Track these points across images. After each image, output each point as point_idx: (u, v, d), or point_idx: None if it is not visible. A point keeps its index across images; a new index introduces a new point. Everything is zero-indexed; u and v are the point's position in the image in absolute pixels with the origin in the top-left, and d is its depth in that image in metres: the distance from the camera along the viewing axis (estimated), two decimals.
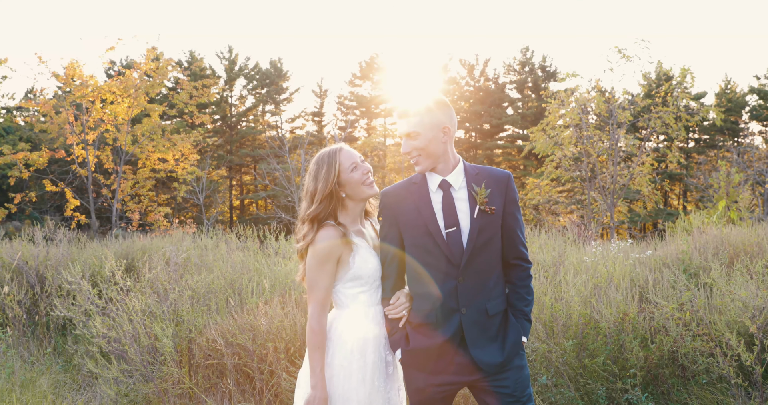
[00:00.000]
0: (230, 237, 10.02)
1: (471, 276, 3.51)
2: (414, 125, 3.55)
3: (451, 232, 3.52)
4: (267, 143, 44.39)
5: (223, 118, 47.71)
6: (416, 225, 3.57)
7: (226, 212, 46.93)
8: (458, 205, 3.57)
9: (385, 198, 3.70)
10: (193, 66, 28.40)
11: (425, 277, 3.55)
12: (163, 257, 7.80)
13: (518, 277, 3.68)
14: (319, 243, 3.65)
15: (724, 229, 8.22)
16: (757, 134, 47.57)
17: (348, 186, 3.75)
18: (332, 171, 3.73)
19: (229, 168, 47.14)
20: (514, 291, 3.67)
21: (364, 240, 3.82)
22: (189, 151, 24.04)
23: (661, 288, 5.91)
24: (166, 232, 18.98)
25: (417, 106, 3.59)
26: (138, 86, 21.70)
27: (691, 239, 7.91)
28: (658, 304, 5.46)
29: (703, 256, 7.25)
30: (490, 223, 3.54)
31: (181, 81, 26.09)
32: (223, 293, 6.61)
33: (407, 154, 3.58)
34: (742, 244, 7.66)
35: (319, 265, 3.64)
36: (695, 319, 5.22)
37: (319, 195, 3.71)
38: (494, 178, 3.62)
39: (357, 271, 3.72)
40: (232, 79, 48.30)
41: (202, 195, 28.64)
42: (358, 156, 3.82)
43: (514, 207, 3.64)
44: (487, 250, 3.56)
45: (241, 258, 7.75)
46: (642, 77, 24.26)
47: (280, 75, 49.46)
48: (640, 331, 5.34)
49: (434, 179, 3.61)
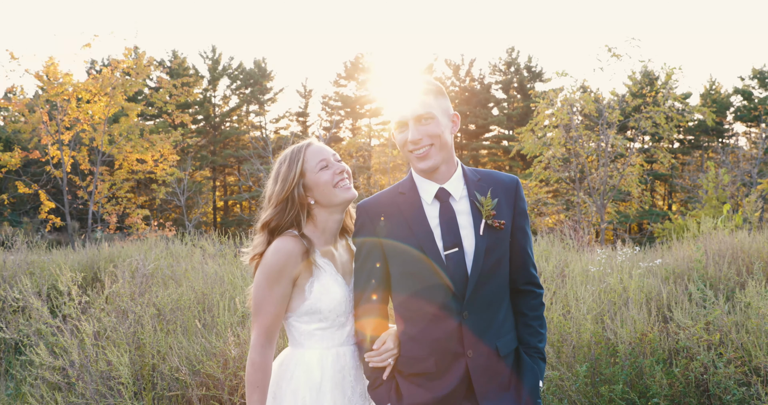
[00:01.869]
0: (205, 244, 9.24)
1: (478, 309, 2.82)
2: (428, 105, 2.84)
3: (453, 255, 2.82)
4: (251, 144, 43.85)
5: (207, 118, 47.07)
6: (407, 247, 2.86)
7: (209, 213, 46.29)
8: (460, 220, 2.89)
9: (363, 213, 2.98)
10: (174, 63, 27.64)
11: (419, 313, 2.84)
12: (130, 268, 7.04)
13: (530, 306, 3.01)
14: (270, 255, 2.96)
15: (737, 236, 7.65)
16: (741, 135, 47.47)
17: (316, 189, 3.07)
18: (293, 169, 3.07)
19: (212, 169, 46.55)
20: (526, 324, 2.99)
21: (331, 264, 3.10)
22: (168, 151, 23.31)
23: (680, 303, 5.31)
24: (144, 235, 18.28)
25: (427, 84, 2.89)
26: (115, 84, 20.95)
27: (702, 246, 7.32)
28: (681, 324, 4.83)
29: (718, 266, 6.66)
30: (498, 240, 2.86)
31: (161, 79, 25.37)
32: (192, 311, 5.89)
33: (415, 143, 2.83)
34: (757, 253, 7.07)
35: (268, 283, 2.95)
36: (726, 341, 4.61)
37: (275, 198, 3.07)
38: (500, 185, 2.96)
39: (314, 303, 3.01)
40: (216, 79, 47.65)
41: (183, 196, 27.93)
42: (330, 152, 3.15)
43: (523, 220, 2.98)
44: (496, 276, 2.88)
45: (215, 269, 7.01)
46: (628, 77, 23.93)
47: (264, 75, 48.89)
48: (661, 354, 4.73)
49: (428, 187, 2.92)
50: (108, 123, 22.10)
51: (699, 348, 4.58)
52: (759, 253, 7.08)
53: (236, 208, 49.00)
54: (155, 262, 7.54)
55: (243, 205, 47.91)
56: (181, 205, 34.42)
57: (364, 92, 49.59)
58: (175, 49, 47.86)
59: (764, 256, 6.98)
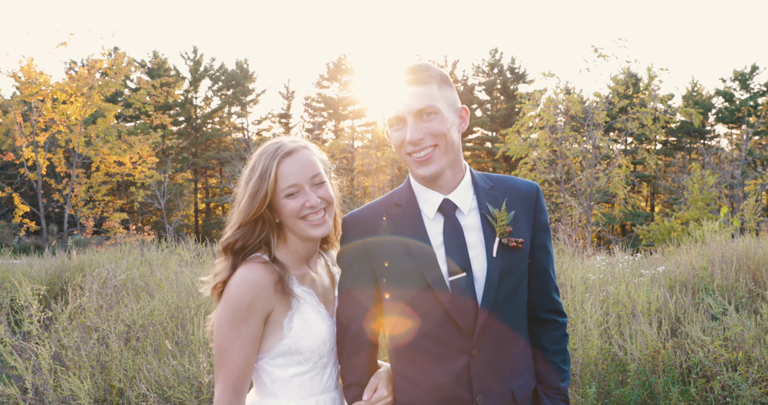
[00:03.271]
0: (182, 251, 8.65)
1: (489, 346, 2.33)
2: (430, 97, 2.30)
3: (459, 281, 2.31)
4: (233, 145, 43.50)
5: (188, 119, 46.54)
6: (404, 271, 2.35)
7: (190, 216, 45.77)
8: (468, 239, 2.37)
9: (350, 228, 2.47)
10: (153, 63, 27.12)
11: (418, 352, 2.36)
12: (99, 278, 6.49)
13: (551, 338, 2.52)
14: (235, 288, 2.37)
15: (742, 241, 7.29)
16: (723, 136, 47.63)
17: (281, 214, 2.52)
18: (263, 185, 2.46)
19: (194, 171, 46.06)
20: (547, 360, 2.50)
21: (311, 292, 2.55)
22: (147, 153, 22.77)
23: (688, 315, 4.91)
24: (122, 240, 17.76)
25: (429, 70, 2.36)
26: (93, 85, 20.39)
27: (706, 253, 6.93)
28: (696, 339, 4.41)
29: (724, 274, 6.28)
30: (515, 263, 2.36)
31: (140, 80, 24.84)
32: (165, 327, 5.37)
33: (415, 143, 2.30)
34: (763, 259, 6.68)
35: (234, 323, 2.36)
36: (748, 358, 4.20)
37: (241, 215, 2.48)
38: (517, 194, 2.45)
39: (294, 342, 2.45)
40: (197, 80, 47.13)
41: (164, 199, 27.38)
42: (309, 173, 2.51)
43: (545, 236, 2.48)
44: (512, 305, 2.38)
45: (191, 278, 6.47)
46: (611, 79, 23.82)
47: (246, 76, 48.45)
48: (674, 372, 4.31)
49: (430, 198, 2.41)
50: (85, 124, 21.54)
51: (720, 367, 4.17)
52: (765, 260, 6.71)
53: (218, 211, 48.52)
54: (127, 272, 7.00)
55: (225, 207, 47.40)
56: (161, 208, 33.86)
57: (347, 93, 49.37)
58: (156, 49, 47.25)
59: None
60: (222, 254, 2.50)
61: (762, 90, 43.76)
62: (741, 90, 44.66)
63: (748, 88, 44.37)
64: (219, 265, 2.50)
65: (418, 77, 2.32)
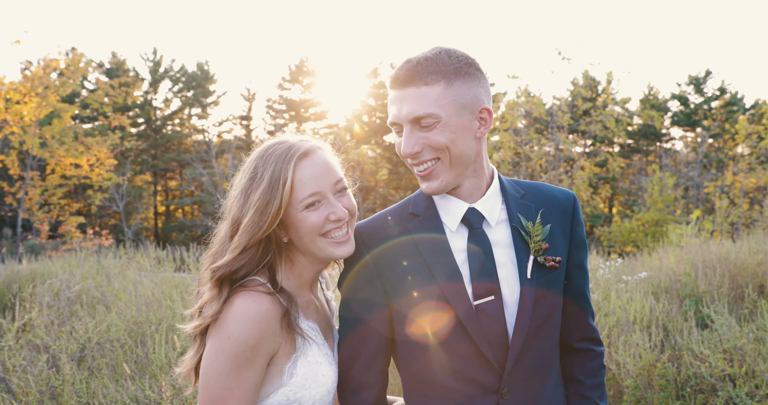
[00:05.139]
0: (141, 259, 8.24)
1: (522, 383, 2.00)
2: (431, 102, 1.90)
3: (487, 306, 1.96)
4: (193, 148, 42.92)
5: (147, 121, 45.73)
6: (422, 294, 1.98)
7: (150, 219, 44.94)
8: (497, 256, 2.02)
9: (357, 243, 2.10)
10: (111, 62, 26.52)
11: (440, 392, 2.01)
12: (52, 290, 6.06)
13: (587, 370, 2.19)
14: (237, 325, 1.91)
15: (722, 246, 7.23)
16: (678, 139, 48.35)
17: (294, 231, 2.04)
18: (276, 195, 1.97)
19: (153, 173, 45.30)
20: (582, 396, 2.17)
21: (316, 328, 2.11)
22: (105, 155, 22.18)
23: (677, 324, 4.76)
24: (79, 244, 17.24)
25: (435, 61, 1.94)
26: (48, 84, 19.79)
27: (690, 258, 6.80)
28: (697, 353, 4.17)
29: (708, 280, 6.18)
30: (551, 284, 2.03)
31: (98, 81, 24.24)
32: (123, 344, 4.92)
33: (413, 156, 1.95)
34: (743, 265, 6.58)
35: (234, 368, 1.90)
36: (750, 372, 3.98)
37: (246, 235, 1.97)
38: (553, 204, 2.12)
39: (294, 392, 2.01)
40: (157, 81, 46.32)
41: (122, 202, 26.79)
42: (333, 179, 2.06)
43: (582, 253, 2.15)
44: (546, 334, 2.05)
45: (151, 289, 6.08)
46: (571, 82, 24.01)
47: (206, 78, 47.80)
48: (671, 388, 4.13)
49: (453, 207, 2.05)
50: (40, 125, 20.91)
51: (725, 382, 3.95)
52: (744, 264, 6.62)
53: (178, 213, 47.72)
54: (83, 282, 6.55)
55: (185, 210, 46.68)
56: (119, 212, 33.17)
57: (309, 95, 49.01)
58: (115, 50, 46.42)
59: (752, 268, 6.53)
60: (211, 282, 1.99)
61: (716, 94, 44.58)
62: (695, 94, 45.43)
63: (702, 92, 45.16)
64: (206, 294, 2.01)
65: (418, 75, 1.93)
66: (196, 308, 2.05)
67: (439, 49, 1.99)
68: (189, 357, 2.11)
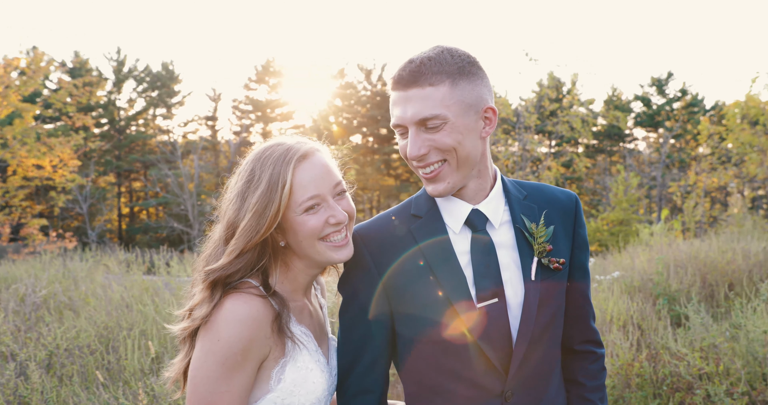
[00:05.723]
0: (110, 261, 8.02)
1: (525, 386, 1.99)
2: (436, 103, 1.87)
3: (491, 309, 1.94)
4: (158, 148, 42.43)
5: (111, 121, 45.07)
6: (425, 297, 1.95)
7: (114, 221, 44.32)
8: (501, 258, 2.00)
9: (358, 245, 2.06)
10: (75, 62, 26.04)
11: (442, 397, 1.99)
12: (17, 295, 5.86)
13: (588, 373, 2.18)
14: (227, 327, 1.86)
15: (692, 245, 7.33)
16: (641, 139, 49.07)
17: (292, 235, 2.00)
18: (274, 198, 1.93)
19: (117, 174, 44.68)
20: (583, 398, 2.16)
21: (309, 333, 2.07)
22: (69, 156, 21.77)
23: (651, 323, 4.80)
24: (42, 247, 16.90)
25: (439, 61, 1.90)
26: (9, 84, 19.38)
27: (663, 258, 6.89)
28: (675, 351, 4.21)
29: (678, 279, 6.26)
30: (555, 286, 2.02)
31: (61, 80, 23.79)
32: (93, 350, 4.76)
33: (419, 158, 1.91)
34: (713, 264, 6.68)
35: (224, 372, 1.85)
36: (728, 371, 4.02)
37: (243, 238, 1.93)
38: (555, 205, 2.11)
39: (282, 398, 1.95)
40: (121, 81, 45.68)
41: (86, 204, 26.37)
42: (332, 181, 2.02)
43: (584, 254, 2.15)
44: (550, 337, 2.04)
45: (120, 293, 5.93)
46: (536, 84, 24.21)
47: (171, 77, 47.26)
48: (649, 387, 4.16)
49: (456, 209, 2.03)
50: (0, 125, 20.43)
51: (703, 379, 3.99)
52: (713, 262, 6.72)
53: (143, 215, 47.11)
54: (49, 286, 6.35)
55: (150, 211, 46.09)
56: (83, 213, 32.66)
57: (275, 96, 48.77)
58: (77, 50, 45.63)
59: (721, 266, 6.64)
60: (204, 284, 1.94)
61: (677, 95, 45.38)
62: (658, 95, 46.17)
63: (664, 93, 45.94)
64: (197, 296, 1.96)
65: (422, 75, 1.89)
66: (186, 310, 2.00)
67: (441, 48, 1.96)
68: (178, 360, 2.06)
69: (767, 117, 23.33)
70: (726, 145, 25.93)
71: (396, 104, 1.94)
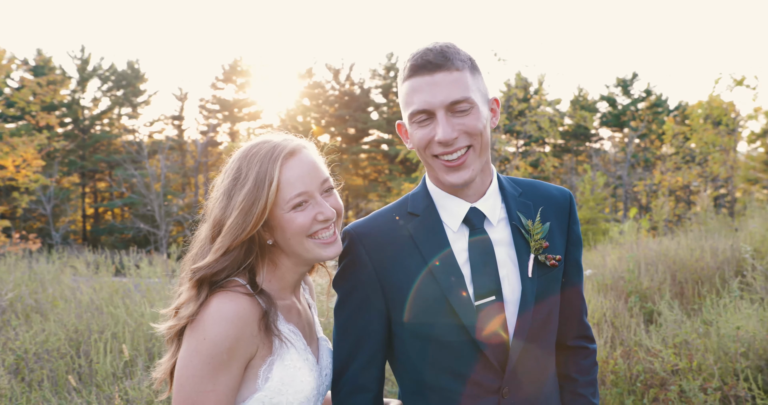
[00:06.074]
0: (77, 263, 7.82)
1: (521, 383, 2.00)
2: (465, 86, 1.88)
3: (488, 306, 1.94)
4: (124, 148, 41.84)
5: (75, 121, 44.40)
6: (424, 296, 1.94)
7: (78, 222, 43.65)
8: (498, 255, 2.00)
9: (355, 243, 2.05)
10: (38, 60, 25.58)
11: (439, 394, 1.99)
12: None
13: (581, 368, 2.20)
14: (213, 325, 1.83)
15: (661, 244, 7.44)
16: (606, 139, 49.72)
17: (279, 233, 1.98)
18: (261, 195, 1.90)
19: (81, 174, 44.04)
20: (576, 393, 2.18)
21: (297, 332, 2.04)
22: (32, 156, 21.33)
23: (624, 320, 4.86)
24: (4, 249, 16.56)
25: (455, 50, 1.93)
26: None
27: (634, 256, 6.98)
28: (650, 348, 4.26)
29: (649, 277, 6.35)
30: (550, 283, 2.04)
31: (24, 79, 23.31)
32: (63, 355, 4.63)
33: (448, 143, 1.89)
34: (682, 262, 6.78)
35: (210, 371, 1.82)
36: (700, 367, 4.08)
37: (230, 236, 1.91)
38: (550, 202, 2.11)
39: (270, 397, 1.92)
40: (85, 80, 45.01)
41: (50, 205, 25.91)
42: (319, 178, 2.01)
43: (578, 250, 2.17)
44: (546, 332, 2.05)
45: (89, 295, 5.80)
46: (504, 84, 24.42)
47: (137, 76, 46.68)
48: (623, 383, 4.21)
49: (454, 207, 2.03)
50: None
51: (677, 375, 4.05)
52: (682, 260, 6.82)
53: (108, 216, 46.46)
54: (15, 289, 6.19)
55: (115, 212, 45.48)
56: (46, 214, 32.11)
57: (243, 95, 48.46)
58: (41, 48, 44.85)
59: (690, 264, 6.75)
60: (190, 283, 1.92)
61: (642, 95, 46.02)
62: (623, 96, 46.78)
63: (630, 94, 46.56)
64: (184, 295, 1.94)
65: (448, 60, 1.89)
66: (172, 308, 1.97)
67: (445, 42, 1.98)
68: (165, 360, 2.03)
69: (730, 117, 23.80)
70: (690, 145, 26.37)
71: (418, 90, 1.91)
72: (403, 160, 41.83)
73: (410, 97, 1.93)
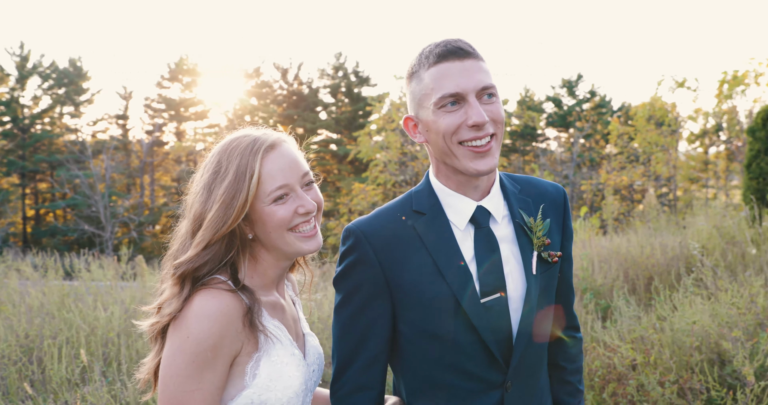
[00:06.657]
0: (23, 266, 7.56)
1: (523, 377, 2.04)
2: (490, 75, 1.95)
3: (494, 303, 1.96)
4: (66, 148, 40.89)
5: (14, 120, 43.19)
6: (432, 294, 1.95)
7: (18, 224, 42.46)
8: (502, 252, 2.02)
9: (360, 241, 2.01)
10: None
11: (444, 391, 2.00)
12: None
13: (568, 357, 2.27)
14: (197, 323, 1.82)
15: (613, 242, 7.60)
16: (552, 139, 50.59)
17: (260, 226, 1.97)
18: (242, 188, 1.91)
19: (21, 175, 42.89)
20: (564, 381, 2.25)
21: (283, 328, 2.03)
22: None
23: (579, 316, 4.97)
24: None
25: (471, 47, 1.98)
26: None
27: (586, 253, 7.11)
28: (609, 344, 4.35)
29: (603, 273, 6.47)
30: (551, 279, 2.08)
31: None
32: (14, 362, 4.46)
33: (480, 126, 1.90)
34: (633, 259, 6.95)
35: (194, 369, 1.81)
36: (656, 361, 4.19)
37: (210, 230, 1.90)
38: (547, 199, 2.14)
39: (258, 394, 1.90)
40: (25, 78, 43.82)
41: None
42: (300, 171, 2.02)
43: (570, 244, 2.21)
44: (545, 326, 2.11)
45: (39, 299, 5.61)
46: None
47: (80, 74, 45.65)
48: (584, 379, 4.31)
49: (461, 205, 2.03)
50: None
51: (633, 370, 4.15)
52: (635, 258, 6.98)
53: (49, 217, 45.29)
54: None
55: (57, 213, 44.36)
56: None
57: (189, 95, 47.81)
58: None
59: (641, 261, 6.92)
60: (173, 280, 1.90)
61: (587, 96, 46.98)
62: (568, 96, 47.66)
63: (575, 94, 47.47)
64: (167, 292, 1.92)
65: (473, 49, 1.94)
66: (154, 306, 1.94)
67: None
68: (149, 360, 2.01)
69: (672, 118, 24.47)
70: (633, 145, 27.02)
71: (448, 76, 1.91)
72: (353, 160, 41.95)
73: (439, 82, 1.92)
